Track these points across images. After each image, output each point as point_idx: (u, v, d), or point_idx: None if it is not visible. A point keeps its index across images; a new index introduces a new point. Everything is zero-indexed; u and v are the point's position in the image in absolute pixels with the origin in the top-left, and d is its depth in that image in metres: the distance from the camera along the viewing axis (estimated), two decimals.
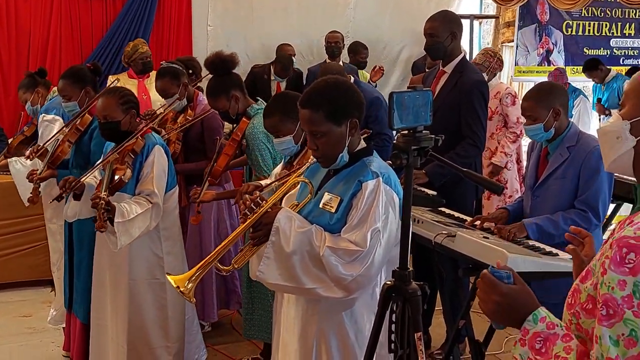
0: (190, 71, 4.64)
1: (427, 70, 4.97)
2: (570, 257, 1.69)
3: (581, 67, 7.60)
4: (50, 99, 4.59)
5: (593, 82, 7.64)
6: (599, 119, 7.37)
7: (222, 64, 3.65)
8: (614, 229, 1.44)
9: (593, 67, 7.23)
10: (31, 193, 3.72)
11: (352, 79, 4.48)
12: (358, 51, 6.70)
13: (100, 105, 3.20)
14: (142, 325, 3.28)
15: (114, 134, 3.19)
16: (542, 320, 1.33)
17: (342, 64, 5.99)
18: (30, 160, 3.95)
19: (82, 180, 3.13)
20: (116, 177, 3.03)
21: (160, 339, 3.32)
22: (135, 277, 3.25)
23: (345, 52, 6.78)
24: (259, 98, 3.79)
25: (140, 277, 3.26)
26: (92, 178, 3.24)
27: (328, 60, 6.50)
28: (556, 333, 1.32)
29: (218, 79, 3.65)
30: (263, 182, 3.14)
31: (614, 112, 1.45)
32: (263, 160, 3.48)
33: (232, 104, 3.62)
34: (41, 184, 3.76)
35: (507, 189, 5.50)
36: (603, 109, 7.17)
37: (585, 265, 1.62)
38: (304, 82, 6.52)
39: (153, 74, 5.89)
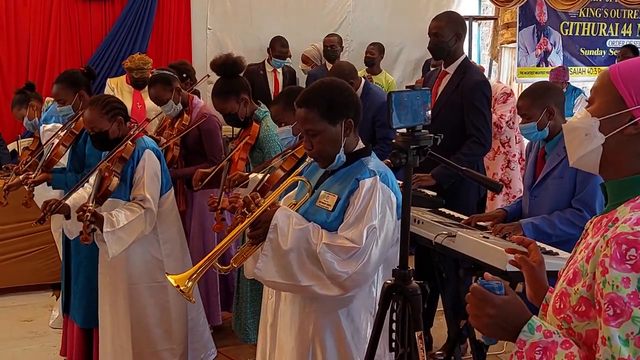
0: (185, 74, 4.63)
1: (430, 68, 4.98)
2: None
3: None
4: (46, 109, 4.59)
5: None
6: None
7: (232, 66, 3.60)
8: (586, 229, 1.41)
9: (635, 52, 6.88)
10: (25, 197, 3.71)
11: (363, 81, 4.45)
12: (367, 50, 6.59)
13: (85, 118, 3.18)
14: (145, 329, 3.29)
15: (104, 143, 3.19)
16: (538, 329, 1.28)
17: None
18: (18, 174, 3.87)
19: (63, 201, 3.07)
20: (103, 187, 3.02)
21: (165, 341, 3.33)
22: (135, 281, 3.25)
23: (344, 56, 6.78)
24: (260, 101, 3.79)
25: (141, 281, 3.26)
26: (78, 193, 3.20)
27: (327, 64, 6.52)
28: (554, 341, 1.26)
29: (227, 81, 3.60)
30: (251, 175, 3.15)
31: (583, 108, 1.40)
32: None
33: (241, 106, 3.58)
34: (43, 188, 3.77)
35: (510, 188, 5.50)
36: None
37: (537, 273, 1.59)
38: (304, 84, 6.53)
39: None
